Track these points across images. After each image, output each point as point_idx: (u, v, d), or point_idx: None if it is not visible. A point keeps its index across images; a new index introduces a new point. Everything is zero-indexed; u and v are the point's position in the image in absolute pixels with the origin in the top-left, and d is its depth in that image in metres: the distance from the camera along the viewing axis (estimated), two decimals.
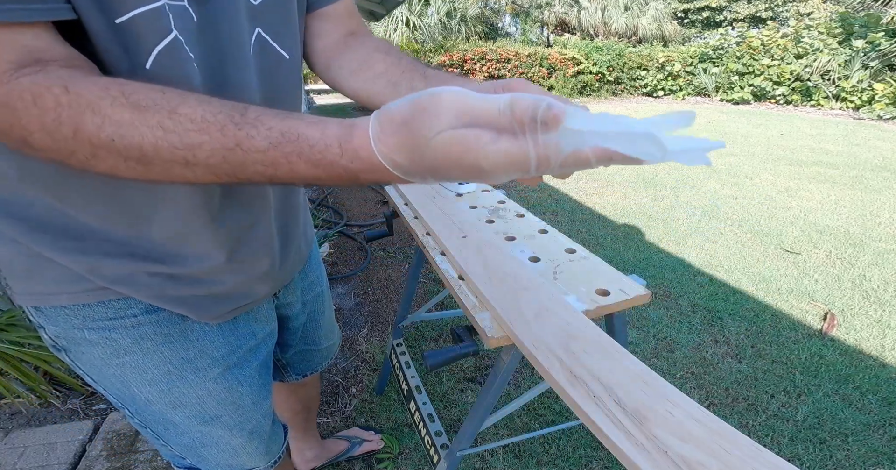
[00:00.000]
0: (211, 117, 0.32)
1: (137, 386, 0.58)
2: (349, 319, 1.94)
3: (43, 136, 0.33)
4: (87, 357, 0.55)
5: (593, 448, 1.30)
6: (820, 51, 7.49)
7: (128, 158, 0.33)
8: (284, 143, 0.32)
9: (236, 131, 0.32)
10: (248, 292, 0.61)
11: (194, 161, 0.33)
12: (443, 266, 0.71)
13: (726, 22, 17.30)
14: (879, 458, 1.27)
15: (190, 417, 0.62)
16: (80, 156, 0.33)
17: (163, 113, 0.32)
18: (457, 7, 13.25)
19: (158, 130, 0.32)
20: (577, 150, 0.30)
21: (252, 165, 0.33)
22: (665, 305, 1.99)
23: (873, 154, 4.36)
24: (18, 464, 1.28)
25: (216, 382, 0.62)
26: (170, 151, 0.32)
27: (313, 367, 0.93)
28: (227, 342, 0.62)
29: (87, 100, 0.32)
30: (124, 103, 0.32)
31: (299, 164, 0.33)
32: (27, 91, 0.32)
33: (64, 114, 0.32)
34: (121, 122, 0.32)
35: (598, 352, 0.47)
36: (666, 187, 3.51)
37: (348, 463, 1.27)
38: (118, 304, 0.53)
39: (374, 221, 2.92)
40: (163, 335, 0.56)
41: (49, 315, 0.53)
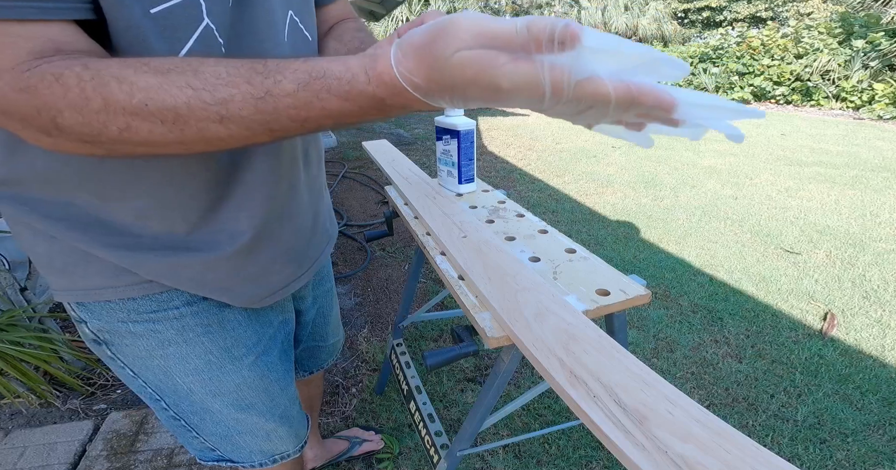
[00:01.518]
0: (234, 71, 0.33)
1: (180, 376, 0.60)
2: (349, 319, 1.94)
3: (72, 113, 0.33)
4: (131, 349, 0.57)
5: (593, 448, 1.30)
6: (820, 51, 7.48)
7: (164, 121, 0.33)
8: (312, 81, 0.33)
9: (263, 80, 0.33)
10: (281, 274, 0.62)
11: (228, 115, 0.33)
12: (443, 266, 0.71)
13: (726, 22, 17.29)
14: (879, 458, 1.27)
15: (228, 404, 0.65)
16: (114, 128, 0.33)
17: (187, 74, 0.33)
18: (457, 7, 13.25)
19: (188, 90, 0.33)
20: (594, 78, 0.29)
21: (284, 111, 0.34)
22: (665, 305, 1.99)
23: (873, 154, 4.36)
24: (18, 464, 1.28)
25: (250, 370, 0.64)
26: (203, 109, 0.33)
27: (320, 363, 0.95)
28: (255, 331, 0.64)
29: (109, 72, 0.33)
30: (147, 70, 0.33)
31: (330, 99, 0.34)
32: (47, 73, 0.32)
33: (88, 87, 0.32)
34: (149, 86, 0.32)
35: (598, 352, 0.47)
36: (666, 187, 3.51)
37: (348, 463, 1.27)
38: (161, 297, 0.54)
39: (374, 221, 2.92)
40: (203, 326, 0.59)
41: (93, 310, 0.54)
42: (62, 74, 0.32)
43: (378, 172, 3.81)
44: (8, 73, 0.33)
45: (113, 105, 0.33)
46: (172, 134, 0.34)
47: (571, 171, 3.94)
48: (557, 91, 0.30)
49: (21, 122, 0.34)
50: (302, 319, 0.82)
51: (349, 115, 0.35)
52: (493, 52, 0.30)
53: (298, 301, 0.78)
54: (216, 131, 0.34)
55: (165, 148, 0.36)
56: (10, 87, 0.33)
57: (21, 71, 0.33)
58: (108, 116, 0.33)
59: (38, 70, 0.33)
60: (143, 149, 0.36)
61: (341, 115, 0.35)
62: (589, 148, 4.76)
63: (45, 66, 0.33)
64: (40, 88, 0.32)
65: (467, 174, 1.00)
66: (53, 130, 0.34)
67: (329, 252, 0.77)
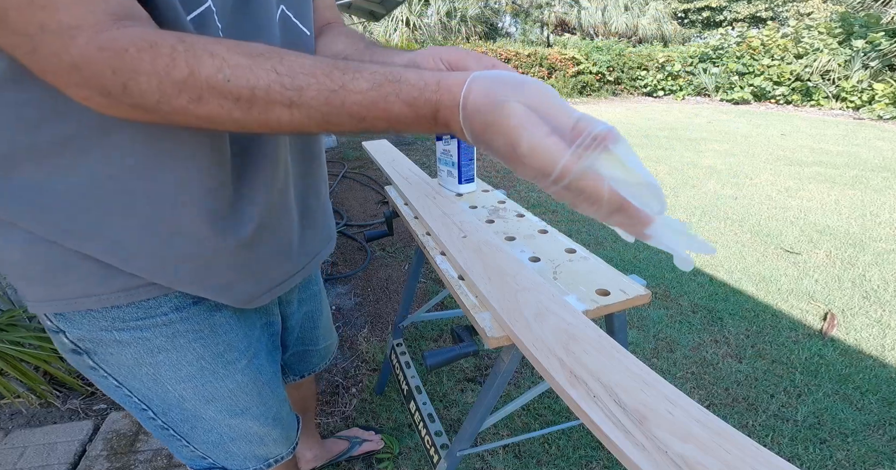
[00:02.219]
0: (317, 64, 0.36)
1: (171, 383, 0.58)
2: (349, 319, 1.94)
3: (149, 78, 0.34)
4: (117, 358, 0.55)
5: (593, 448, 1.30)
6: (820, 51, 7.48)
7: (236, 99, 0.35)
8: (386, 83, 0.36)
9: (342, 75, 0.36)
10: (278, 270, 0.61)
11: (299, 102, 0.36)
12: (443, 266, 0.71)
13: (726, 22, 17.29)
14: (879, 458, 1.27)
15: (222, 410, 0.63)
16: (184, 99, 0.35)
17: (274, 59, 0.35)
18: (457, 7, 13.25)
19: (273, 74, 0.35)
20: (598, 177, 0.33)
21: (350, 106, 0.36)
22: (665, 305, 1.99)
23: (873, 154, 4.36)
24: (18, 464, 1.28)
25: (243, 374, 0.63)
26: (280, 92, 0.35)
27: (311, 367, 0.93)
28: (245, 334, 0.63)
29: (204, 47, 0.35)
30: (239, 51, 0.35)
31: (396, 103, 0.36)
32: (140, 38, 0.34)
33: (180, 58, 0.34)
34: (239, 65, 0.35)
35: (598, 352, 0.47)
36: (666, 187, 3.51)
37: (348, 463, 1.27)
38: (148, 304, 0.52)
39: (374, 221, 2.92)
40: (194, 331, 0.57)
41: (72, 319, 0.52)
42: (157, 42, 0.34)
43: (378, 172, 3.81)
44: (90, 31, 0.33)
45: (197, 76, 0.34)
46: (237, 112, 0.36)
47: None
48: (564, 174, 0.33)
49: (85, 80, 0.34)
50: (287, 323, 0.80)
51: (403, 122, 0.37)
52: (539, 120, 0.34)
53: (284, 305, 0.77)
54: (279, 115, 0.36)
55: (219, 124, 0.37)
56: (92, 44, 0.33)
57: (101, 30, 0.33)
58: (185, 87, 0.34)
59: (126, 32, 0.34)
60: (196, 122, 0.37)
61: (397, 120, 0.37)
62: None
63: (135, 30, 0.34)
64: (130, 51, 0.33)
65: (467, 174, 1.00)
66: (119, 92, 0.35)
67: (328, 253, 0.75)
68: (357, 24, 7.14)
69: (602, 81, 9.69)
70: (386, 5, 4.25)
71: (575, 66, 9.49)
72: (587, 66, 9.49)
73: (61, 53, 0.33)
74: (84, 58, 0.33)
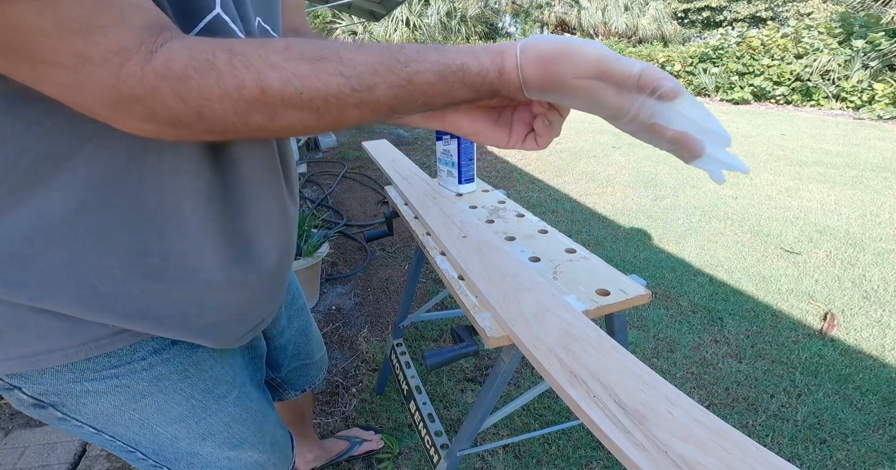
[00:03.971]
0: (376, 59, 0.35)
1: (161, 426, 0.54)
2: (349, 319, 1.94)
3: (223, 104, 0.32)
4: (93, 408, 0.49)
5: (593, 448, 1.30)
6: (820, 51, 7.48)
7: (311, 110, 0.34)
8: (450, 73, 0.36)
9: (403, 68, 0.35)
10: (266, 308, 0.58)
11: (369, 100, 0.35)
12: (443, 266, 0.71)
13: (726, 22, 17.29)
14: (879, 458, 1.27)
15: (219, 444, 0.60)
16: (259, 118, 0.33)
17: (335, 61, 0.34)
18: (457, 7, 13.25)
19: (340, 78, 0.34)
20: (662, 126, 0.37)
21: (418, 97, 0.36)
22: (665, 305, 1.99)
23: (873, 154, 4.36)
24: (18, 464, 1.28)
25: (235, 405, 0.60)
26: (350, 95, 0.34)
27: (310, 381, 0.92)
28: (229, 365, 0.60)
29: (259, 58, 0.32)
30: (294, 56, 0.33)
31: (462, 89, 0.37)
32: (194, 61, 0.31)
33: (246, 76, 0.31)
34: (303, 74, 0.33)
35: (598, 352, 0.47)
36: (666, 187, 3.51)
37: (348, 463, 1.27)
38: (122, 352, 0.47)
39: (374, 221, 2.92)
40: (179, 372, 0.52)
41: (29, 376, 0.45)
42: (211, 61, 0.31)
43: (378, 172, 3.81)
44: (138, 55, 0.30)
45: (270, 93, 0.32)
46: (311, 121, 0.35)
47: (571, 172, 3.94)
48: (634, 119, 0.37)
49: (152, 112, 0.31)
50: (277, 342, 0.77)
51: (463, 101, 0.38)
52: (603, 86, 0.36)
53: (270, 327, 0.74)
54: (350, 115, 0.36)
55: (289, 134, 0.37)
56: (149, 71, 0.30)
57: (149, 51, 0.30)
58: (259, 105, 0.33)
59: (174, 50, 0.30)
60: (269, 135, 0.36)
61: (459, 101, 0.38)
62: (589, 148, 4.76)
63: (180, 46, 0.31)
64: (193, 77, 0.31)
65: (467, 174, 1.00)
66: (193, 121, 0.33)
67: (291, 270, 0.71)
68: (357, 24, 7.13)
69: None
70: (386, 5, 4.25)
71: None
72: None
73: (117, 86, 0.30)
74: (146, 91, 0.30)
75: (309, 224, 1.88)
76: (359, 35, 10.57)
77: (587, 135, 5.38)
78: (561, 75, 0.36)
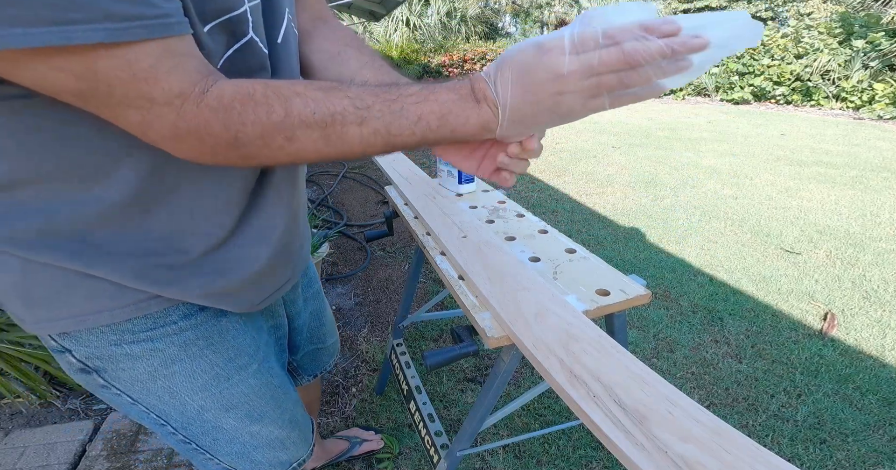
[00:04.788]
0: (375, 87, 0.42)
1: (189, 394, 0.58)
2: (349, 319, 1.94)
3: (254, 126, 0.38)
4: (130, 373, 0.54)
5: (593, 448, 1.30)
6: (820, 51, 7.48)
7: (321, 126, 0.40)
8: (430, 84, 0.43)
9: (396, 89, 0.42)
10: (278, 276, 0.62)
11: (367, 116, 0.41)
12: (443, 266, 0.71)
13: None
14: (879, 458, 1.27)
15: (241, 417, 0.63)
16: (280, 138, 0.40)
17: (344, 89, 0.41)
18: (457, 7, 13.24)
19: (346, 99, 0.40)
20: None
21: (408, 107, 0.41)
22: (665, 305, 1.99)
23: (873, 154, 4.36)
24: (18, 464, 1.28)
25: (255, 378, 0.63)
26: (353, 112, 0.40)
27: (323, 365, 0.94)
28: (252, 338, 0.63)
29: (288, 89, 0.40)
30: (314, 87, 0.41)
31: (441, 92, 0.42)
32: (236, 92, 0.38)
33: (275, 103, 0.39)
34: (318, 99, 0.40)
35: (598, 352, 0.47)
36: (666, 187, 3.51)
37: (348, 463, 1.27)
38: (157, 314, 0.52)
39: (374, 221, 2.92)
40: (205, 338, 0.57)
41: (78, 337, 0.50)
42: (251, 95, 0.38)
43: (378, 172, 3.81)
44: (195, 96, 0.36)
45: (293, 115, 0.39)
46: (321, 141, 0.41)
47: (571, 171, 3.94)
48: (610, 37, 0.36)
49: (201, 141, 0.38)
50: (295, 323, 0.80)
51: (452, 111, 0.42)
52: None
53: (289, 305, 0.77)
54: (352, 134, 0.41)
55: (302, 158, 0.42)
56: (204, 107, 0.37)
57: (202, 91, 0.37)
58: (282, 127, 0.39)
59: (224, 88, 0.38)
60: (285, 159, 0.42)
61: (447, 107, 0.42)
62: (589, 148, 4.76)
63: (229, 84, 0.38)
64: (236, 106, 0.38)
65: (467, 174, 1.00)
66: (229, 144, 0.39)
67: (308, 250, 0.76)
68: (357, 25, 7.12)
69: None
70: (386, 5, 4.25)
71: None
72: None
73: (177, 122, 0.37)
74: (199, 123, 0.37)
75: (309, 224, 1.88)
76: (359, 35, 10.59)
77: (587, 135, 5.38)
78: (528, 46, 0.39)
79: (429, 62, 9.02)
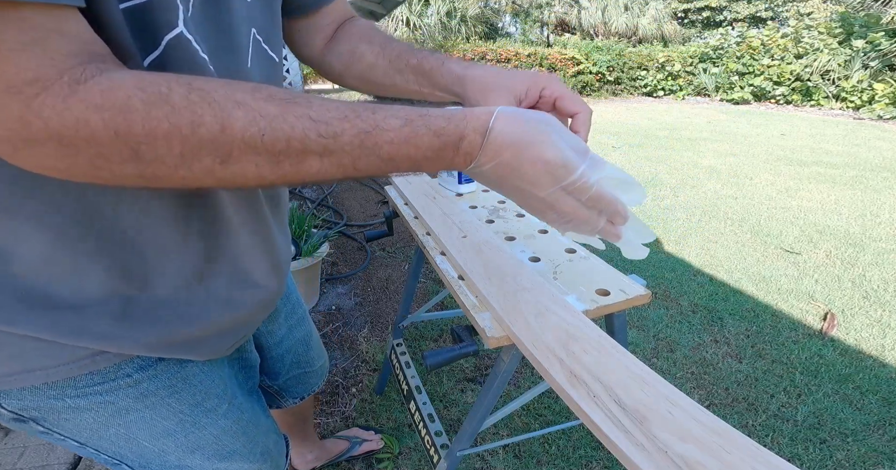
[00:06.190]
0: (346, 108, 0.34)
1: (148, 440, 0.53)
2: (349, 319, 1.94)
3: (169, 142, 0.28)
4: (74, 423, 0.48)
5: (593, 448, 1.30)
6: (820, 51, 7.48)
7: (270, 154, 0.31)
8: (416, 117, 0.35)
9: (373, 115, 0.34)
10: (257, 319, 0.58)
11: (333, 148, 0.33)
12: (443, 266, 0.71)
13: (726, 22, 17.29)
14: (879, 458, 1.27)
15: (208, 457, 0.59)
16: (208, 160, 0.30)
17: (304, 105, 0.32)
18: (457, 7, 13.24)
19: (307, 121, 0.31)
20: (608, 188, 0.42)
21: (382, 146, 0.34)
22: (665, 305, 1.99)
23: (873, 154, 4.36)
24: (18, 464, 1.28)
25: (226, 418, 0.59)
26: (315, 141, 0.32)
27: (310, 388, 0.91)
28: (219, 378, 0.58)
29: (223, 95, 0.30)
30: (263, 97, 0.31)
31: (425, 135, 0.36)
32: (142, 90, 0.28)
33: (206, 112, 0.29)
34: (270, 115, 0.30)
35: (598, 352, 0.47)
36: (666, 187, 3.51)
37: (348, 463, 1.27)
38: (105, 370, 0.45)
39: (374, 221, 2.92)
40: (167, 388, 0.51)
41: (10, 393, 0.43)
42: (169, 93, 0.28)
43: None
44: (60, 85, 0.26)
45: (229, 133, 0.29)
46: (267, 168, 0.32)
47: None
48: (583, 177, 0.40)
49: (69, 151, 0.28)
50: (274, 352, 0.77)
51: (428, 157, 0.37)
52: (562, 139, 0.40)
53: (266, 337, 0.74)
54: (310, 166, 0.33)
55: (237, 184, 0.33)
56: (79, 102, 0.27)
57: (74, 80, 0.27)
58: (213, 146, 0.29)
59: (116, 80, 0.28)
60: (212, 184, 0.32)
61: (424, 154, 0.36)
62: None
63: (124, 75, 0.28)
64: (138, 108, 0.27)
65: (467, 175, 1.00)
66: (122, 160, 0.29)
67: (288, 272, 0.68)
68: None
69: (602, 81, 9.69)
70: (386, 5, 4.26)
71: (575, 66, 9.48)
72: (587, 66, 9.49)
73: (25, 117, 0.26)
74: (67, 123, 0.26)
75: (309, 224, 1.89)
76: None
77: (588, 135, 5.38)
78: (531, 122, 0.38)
79: None
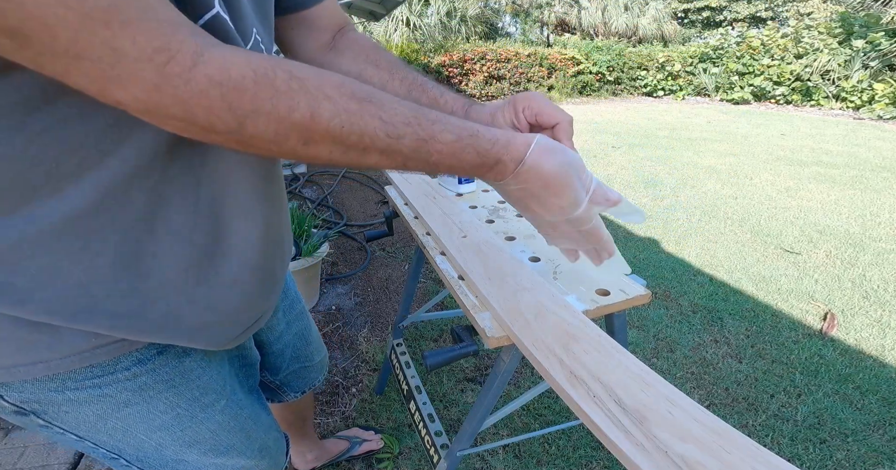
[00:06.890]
0: (410, 113, 0.38)
1: (146, 433, 0.53)
2: (349, 319, 1.94)
3: (269, 120, 0.32)
4: (74, 416, 0.48)
5: (593, 448, 1.30)
6: (820, 51, 7.48)
7: (344, 145, 0.35)
8: (467, 136, 0.40)
9: (431, 126, 0.38)
10: (259, 307, 0.57)
11: (395, 148, 0.37)
12: (443, 266, 0.71)
13: (726, 22, 17.28)
14: (879, 458, 1.27)
15: (205, 452, 0.59)
16: (295, 141, 0.34)
17: (378, 105, 0.36)
18: (457, 7, 13.23)
19: (378, 121, 0.36)
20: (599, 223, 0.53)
21: (432, 154, 0.39)
22: (665, 305, 1.99)
23: (873, 154, 4.36)
24: (18, 464, 1.28)
25: (223, 413, 0.59)
26: (382, 140, 0.36)
27: (310, 383, 0.92)
28: (218, 373, 0.59)
29: (317, 88, 0.33)
30: (347, 93, 0.35)
31: (470, 154, 0.41)
32: (254, 71, 0.31)
33: (302, 100, 0.32)
34: (351, 111, 0.34)
35: (598, 352, 0.47)
36: (666, 187, 3.51)
37: (348, 463, 1.27)
38: (105, 364, 0.46)
39: (374, 221, 2.92)
40: (164, 382, 0.51)
41: (11, 385, 0.44)
42: (274, 77, 0.31)
43: (378, 172, 3.81)
44: (182, 55, 0.28)
45: (317, 121, 0.33)
46: (337, 154, 0.36)
47: None
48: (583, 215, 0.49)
49: (191, 116, 0.30)
50: (273, 348, 0.77)
51: (464, 168, 0.42)
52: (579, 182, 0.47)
53: (266, 333, 0.74)
54: (369, 159, 0.37)
55: (309, 161, 0.37)
56: (203, 76, 0.29)
57: (196, 53, 0.29)
58: (302, 130, 0.33)
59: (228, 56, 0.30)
60: (289, 157, 0.36)
61: (462, 166, 0.41)
62: (589, 148, 4.76)
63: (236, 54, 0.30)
64: (250, 88, 0.30)
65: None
66: (229, 129, 0.32)
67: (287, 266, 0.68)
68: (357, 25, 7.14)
69: (602, 81, 9.69)
70: (386, 5, 4.25)
71: (575, 66, 9.48)
72: (587, 65, 9.48)
73: (160, 84, 0.28)
74: (191, 93, 0.29)
75: (309, 224, 1.88)
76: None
77: (587, 135, 5.38)
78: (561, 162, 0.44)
79: (429, 62, 9.00)
